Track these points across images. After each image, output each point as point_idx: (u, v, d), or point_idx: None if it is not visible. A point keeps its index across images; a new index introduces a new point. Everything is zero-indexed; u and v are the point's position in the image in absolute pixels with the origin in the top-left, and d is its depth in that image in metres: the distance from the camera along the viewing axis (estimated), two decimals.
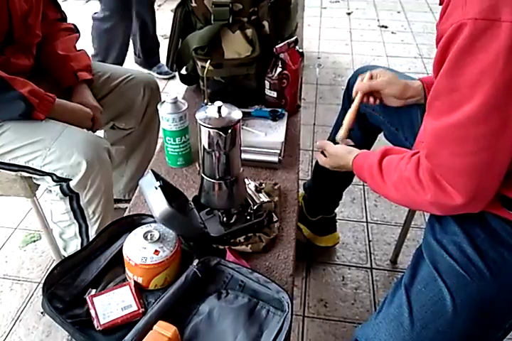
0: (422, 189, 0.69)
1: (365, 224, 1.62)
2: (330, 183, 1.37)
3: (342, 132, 0.99)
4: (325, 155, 0.98)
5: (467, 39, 0.59)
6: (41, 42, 1.19)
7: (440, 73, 0.65)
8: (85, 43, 1.57)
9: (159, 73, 2.40)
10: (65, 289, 0.72)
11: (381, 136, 1.24)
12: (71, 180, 1.04)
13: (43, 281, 0.72)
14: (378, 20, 3.25)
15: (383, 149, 0.82)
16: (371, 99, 1.02)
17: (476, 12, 0.58)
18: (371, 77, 1.01)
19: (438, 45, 0.66)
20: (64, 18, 1.28)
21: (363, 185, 1.78)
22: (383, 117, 1.15)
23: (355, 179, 1.41)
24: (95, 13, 2.08)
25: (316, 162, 1.43)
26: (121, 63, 2.15)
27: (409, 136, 1.10)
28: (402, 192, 0.73)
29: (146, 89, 1.32)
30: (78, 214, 1.12)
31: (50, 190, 1.10)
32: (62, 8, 1.29)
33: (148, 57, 2.40)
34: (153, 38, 2.36)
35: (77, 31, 1.30)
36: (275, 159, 1.05)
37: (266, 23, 1.15)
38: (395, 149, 0.83)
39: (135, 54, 2.43)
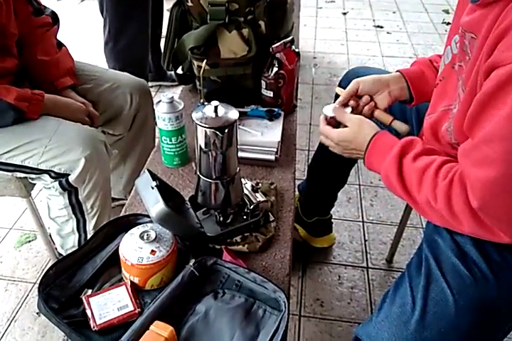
0: (458, 222, 0.67)
1: (361, 223, 1.63)
2: (324, 185, 1.37)
3: (336, 105, 0.91)
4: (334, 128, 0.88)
5: None
6: (19, 42, 1.13)
7: (492, 113, 0.59)
8: (83, 43, 1.56)
9: (173, 80, 2.27)
10: (61, 289, 0.72)
11: None
12: (69, 175, 1.04)
13: (38, 281, 0.71)
14: (374, 21, 3.26)
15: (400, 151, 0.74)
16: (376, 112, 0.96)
17: None
18: (356, 90, 0.95)
19: (486, 74, 0.61)
20: (38, 10, 1.19)
21: (359, 185, 1.79)
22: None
23: (351, 178, 1.43)
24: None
25: (310, 163, 1.43)
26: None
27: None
28: (433, 214, 0.71)
29: (134, 95, 1.29)
30: (76, 208, 1.12)
31: (48, 187, 1.09)
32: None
33: (160, 69, 2.23)
34: (160, 49, 2.22)
35: (56, 21, 1.22)
36: (272, 157, 1.05)
37: (262, 23, 1.15)
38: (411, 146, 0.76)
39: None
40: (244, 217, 0.87)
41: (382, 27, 3.16)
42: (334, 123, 0.89)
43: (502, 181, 0.60)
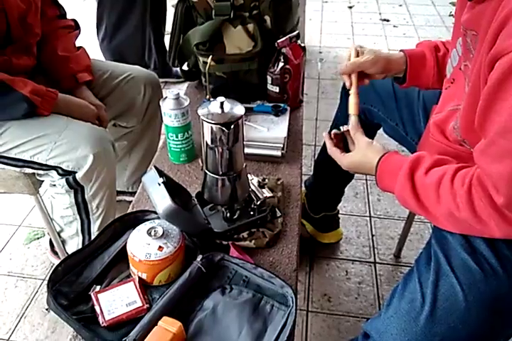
0: (487, 228, 0.66)
1: (368, 218, 1.62)
2: (331, 180, 1.37)
3: (353, 119, 0.89)
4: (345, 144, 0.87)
5: None
6: (41, 41, 1.18)
7: (502, 104, 0.58)
8: (86, 39, 1.56)
9: (178, 77, 2.25)
10: (70, 286, 0.73)
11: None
12: (77, 172, 1.05)
13: (47, 278, 0.72)
14: (380, 14, 3.23)
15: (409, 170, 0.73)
16: (366, 81, 0.96)
17: None
18: (357, 55, 0.95)
19: (490, 66, 0.60)
20: (63, 14, 1.27)
21: (366, 180, 1.78)
22: (383, 113, 1.13)
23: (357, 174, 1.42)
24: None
25: (317, 159, 1.43)
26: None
27: (411, 132, 1.09)
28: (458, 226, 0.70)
29: (147, 87, 1.32)
30: (82, 208, 1.13)
31: (54, 184, 1.10)
32: (61, 5, 1.28)
33: (166, 65, 2.19)
34: (165, 46, 2.21)
35: (78, 27, 1.29)
36: (278, 153, 1.05)
37: (267, 18, 1.14)
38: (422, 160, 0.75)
39: (149, 67, 2.21)
40: (251, 213, 0.87)
41: (388, 20, 3.13)
42: (338, 138, 0.89)
43: None
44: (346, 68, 0.93)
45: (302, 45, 1.17)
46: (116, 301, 0.70)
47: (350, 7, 3.34)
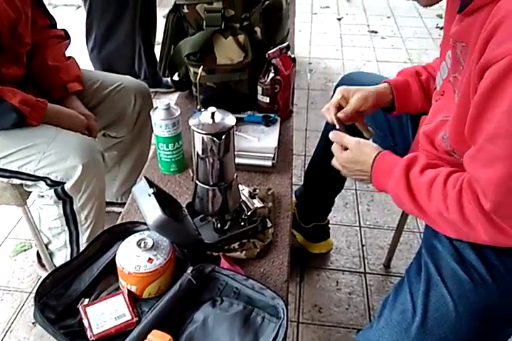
0: (474, 231, 0.66)
1: (358, 228, 1.62)
2: (321, 190, 1.37)
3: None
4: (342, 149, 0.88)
5: None
6: (31, 51, 1.17)
7: (492, 111, 0.58)
8: (76, 48, 1.56)
9: (169, 87, 2.27)
10: (58, 299, 0.71)
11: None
12: (65, 183, 1.03)
13: (34, 291, 0.71)
14: (368, 26, 3.28)
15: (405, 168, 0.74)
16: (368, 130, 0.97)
17: None
18: (344, 99, 0.95)
19: (479, 76, 0.61)
20: (53, 24, 1.26)
21: (356, 190, 1.79)
22: (372, 123, 1.15)
23: (347, 183, 1.43)
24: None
25: (307, 169, 1.43)
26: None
27: (400, 142, 1.11)
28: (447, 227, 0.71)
29: (137, 96, 1.31)
30: (70, 219, 1.11)
31: (43, 195, 1.09)
32: (52, 14, 1.28)
33: (156, 75, 2.22)
34: (155, 56, 2.20)
35: (68, 37, 1.28)
36: (269, 163, 1.05)
37: (258, 29, 1.16)
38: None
39: (139, 77, 2.21)
40: (242, 224, 0.86)
41: (376, 32, 3.18)
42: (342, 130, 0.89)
43: None
44: (347, 113, 0.93)
45: (292, 56, 1.19)
46: (104, 314, 0.68)
47: (339, 19, 3.40)
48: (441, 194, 0.68)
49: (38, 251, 1.33)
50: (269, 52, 1.11)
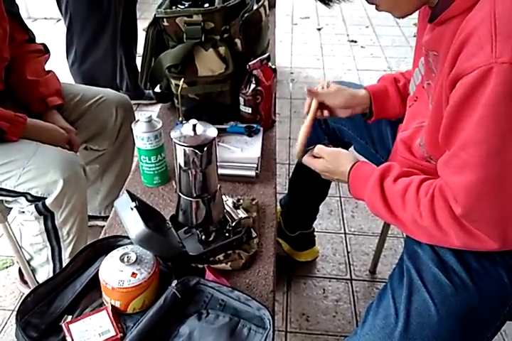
0: (446, 236, 0.68)
1: (343, 235, 1.64)
2: (305, 198, 1.38)
3: (298, 147, 0.94)
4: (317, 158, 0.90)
5: (503, 85, 0.55)
6: (9, 66, 1.16)
7: (465, 121, 0.61)
8: (57, 62, 1.55)
9: (151, 99, 2.27)
10: (40, 317, 0.70)
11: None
12: (46, 198, 1.02)
13: (16, 309, 0.69)
14: (348, 35, 3.34)
15: (379, 177, 0.76)
16: (325, 112, 1.01)
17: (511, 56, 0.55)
18: (322, 88, 1.00)
19: (451, 86, 0.62)
20: (32, 39, 1.25)
21: (340, 197, 1.81)
22: (353, 132, 1.17)
23: (331, 191, 1.44)
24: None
25: (291, 178, 1.45)
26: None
27: (380, 149, 1.12)
28: (421, 233, 0.72)
29: (119, 109, 1.31)
30: (52, 235, 1.09)
31: (23, 211, 1.07)
32: (31, 29, 1.27)
33: (138, 87, 2.22)
34: (137, 68, 2.22)
35: (47, 51, 1.28)
36: (252, 173, 1.05)
37: (238, 41, 1.17)
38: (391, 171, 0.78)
39: (121, 89, 2.25)
40: (227, 235, 0.86)
41: (356, 41, 3.24)
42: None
43: (482, 184, 0.62)
44: (308, 95, 0.97)
45: (273, 66, 1.20)
46: (88, 331, 0.67)
47: (319, 29, 3.45)
48: (414, 202, 0.70)
49: (20, 268, 1.30)
50: (250, 63, 1.13)
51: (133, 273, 0.70)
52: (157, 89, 1.31)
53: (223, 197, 0.88)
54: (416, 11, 0.76)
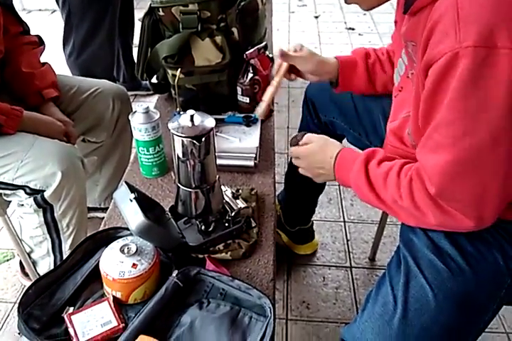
0: (424, 216, 0.69)
1: (342, 223, 1.64)
2: (303, 192, 1.38)
3: (263, 106, 0.93)
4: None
5: (469, 69, 0.57)
6: (4, 58, 1.15)
7: (439, 104, 0.63)
8: (52, 54, 1.54)
9: (148, 89, 2.25)
10: (42, 309, 0.70)
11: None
12: (45, 191, 1.02)
13: (18, 301, 0.70)
14: (345, 23, 3.31)
15: (364, 162, 0.77)
16: (292, 76, 1.02)
17: (474, 39, 0.57)
18: (295, 51, 1.00)
19: (424, 73, 0.64)
20: (27, 31, 1.24)
21: (339, 185, 1.81)
22: (345, 124, 1.17)
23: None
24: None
25: (286, 172, 1.44)
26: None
27: (374, 139, 1.12)
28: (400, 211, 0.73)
29: (116, 100, 1.30)
30: (52, 227, 1.10)
31: (22, 204, 1.07)
32: (26, 20, 1.25)
33: (135, 78, 2.19)
34: (133, 59, 2.21)
35: (42, 43, 1.26)
36: (251, 163, 1.05)
37: (235, 30, 1.16)
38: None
39: (118, 81, 2.25)
40: (226, 225, 0.86)
41: (353, 29, 3.21)
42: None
43: (454, 164, 0.64)
44: (280, 57, 0.98)
45: (270, 55, 1.19)
46: (90, 322, 0.68)
47: (317, 17, 3.42)
48: (395, 183, 0.72)
49: (20, 261, 1.31)
50: (247, 52, 1.12)
51: (133, 264, 0.70)
52: (154, 80, 1.30)
53: (222, 187, 0.88)
54: (383, 4, 0.78)
